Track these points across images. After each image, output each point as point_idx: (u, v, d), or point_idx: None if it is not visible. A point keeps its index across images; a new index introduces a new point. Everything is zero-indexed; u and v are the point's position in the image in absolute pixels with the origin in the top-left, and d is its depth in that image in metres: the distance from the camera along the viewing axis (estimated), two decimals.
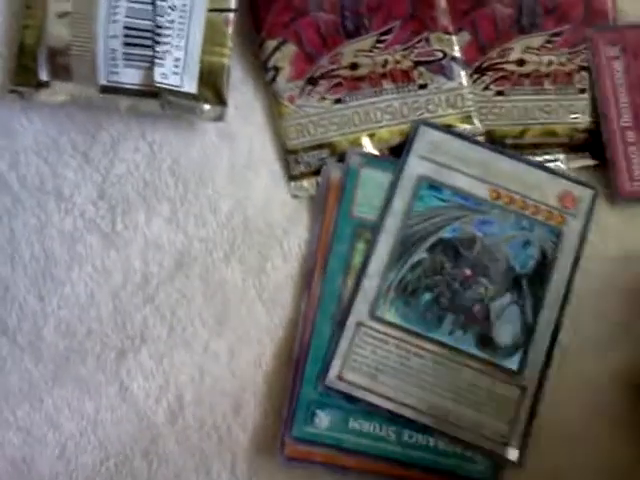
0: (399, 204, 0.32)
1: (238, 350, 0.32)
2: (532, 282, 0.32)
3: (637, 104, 0.35)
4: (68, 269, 0.33)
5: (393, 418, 0.30)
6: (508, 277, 0.31)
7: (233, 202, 0.34)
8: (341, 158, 0.34)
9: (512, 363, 0.31)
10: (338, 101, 0.35)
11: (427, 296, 0.31)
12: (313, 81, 0.35)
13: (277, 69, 0.35)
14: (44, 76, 0.35)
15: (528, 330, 0.32)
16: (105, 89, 0.35)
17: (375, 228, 0.31)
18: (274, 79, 0.35)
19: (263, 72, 0.35)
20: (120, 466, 0.31)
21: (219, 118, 0.35)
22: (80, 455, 0.31)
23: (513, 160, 0.33)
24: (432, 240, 0.32)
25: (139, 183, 0.34)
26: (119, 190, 0.34)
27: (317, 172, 0.35)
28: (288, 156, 0.35)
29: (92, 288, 0.33)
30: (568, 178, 0.33)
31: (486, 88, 0.36)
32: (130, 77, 0.35)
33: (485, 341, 0.31)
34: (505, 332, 0.31)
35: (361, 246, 0.32)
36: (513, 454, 0.31)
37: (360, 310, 0.31)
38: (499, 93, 0.36)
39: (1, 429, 0.32)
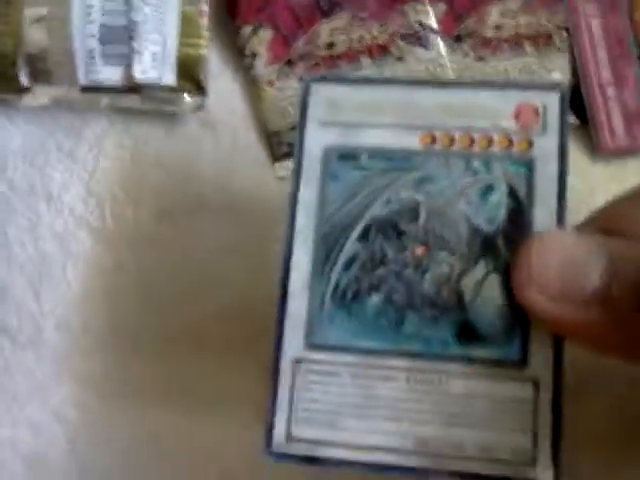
0: (308, 194, 0.24)
1: (233, 337, 0.33)
2: (509, 237, 0.23)
3: (616, 59, 0.36)
4: (63, 268, 0.35)
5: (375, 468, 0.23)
6: (475, 242, 0.23)
7: (220, 190, 0.35)
8: None
9: (511, 352, 0.22)
10: None
11: (374, 298, 0.23)
12: (291, 63, 0.37)
13: (255, 54, 0.37)
14: (25, 82, 0.36)
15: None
16: (86, 89, 0.36)
17: (286, 232, 0.25)
18: (252, 65, 0.37)
19: (241, 58, 0.37)
20: (130, 457, 0.32)
21: (199, 108, 0.36)
22: (90, 450, 0.33)
23: (440, 89, 0.25)
24: (362, 224, 0.24)
25: (125, 177, 0.36)
26: (106, 186, 0.36)
27: None
28: (271, 138, 0.36)
29: (87, 285, 0.35)
30: (518, 86, 0.25)
31: (466, 55, 0.37)
32: (110, 75, 0.36)
33: (467, 333, 0.23)
34: (490, 314, 0.23)
35: None
36: (545, 473, 0.22)
37: (292, 342, 0.24)
38: (479, 59, 0.37)
39: (12, 427, 0.33)
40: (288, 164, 0.36)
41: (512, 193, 0.24)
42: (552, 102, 0.24)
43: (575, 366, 0.23)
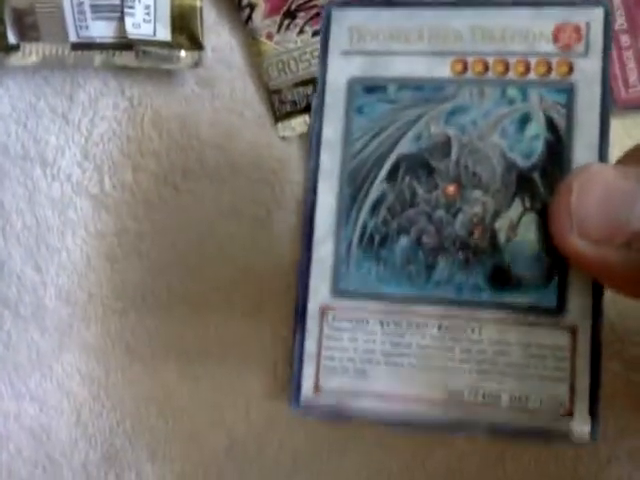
0: (331, 130, 0.23)
1: (237, 302, 0.33)
2: (547, 172, 0.22)
3: (630, 5, 0.34)
4: (62, 236, 0.34)
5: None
6: (510, 177, 0.22)
7: (220, 150, 0.34)
8: None
9: (547, 298, 0.22)
10: (318, 33, 0.35)
11: (404, 241, 0.23)
12: (290, 14, 0.35)
13: (252, 6, 0.35)
14: (13, 39, 0.35)
15: None
16: (77, 46, 0.35)
17: (308, 175, 0.23)
18: (250, 17, 0.35)
19: (238, 11, 0.35)
20: (137, 426, 0.33)
21: (197, 64, 0.35)
22: (96, 419, 0.33)
23: (471, 10, 0.23)
24: (390, 162, 0.23)
25: (122, 140, 0.35)
26: (103, 149, 0.35)
27: (304, 110, 0.35)
28: (272, 96, 0.35)
29: (88, 252, 0.34)
30: (558, 3, 0.23)
31: None
32: (101, 31, 0.35)
33: (500, 277, 0.22)
34: (525, 257, 0.22)
35: None
36: (581, 428, 0.21)
37: (319, 290, 0.23)
38: None
39: (16, 400, 0.33)
40: (290, 124, 0.35)
41: (550, 124, 0.22)
42: (596, 19, 0.22)
43: None
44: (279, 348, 0.32)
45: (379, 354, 0.22)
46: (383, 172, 0.23)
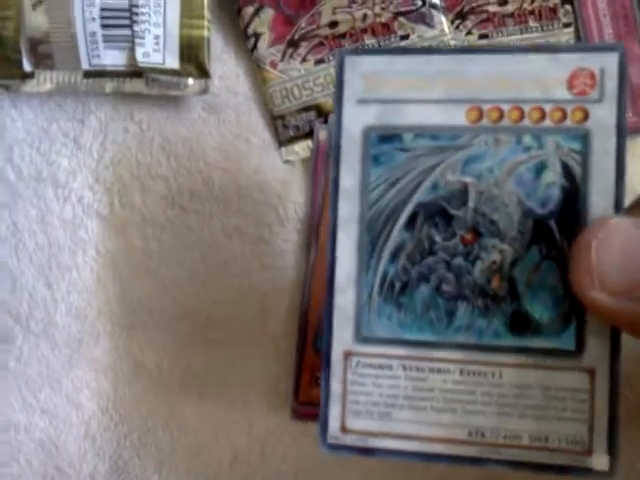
0: (349, 180, 0.24)
1: (242, 318, 0.35)
2: (564, 220, 0.23)
3: (621, 35, 0.37)
4: (72, 255, 0.37)
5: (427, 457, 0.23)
6: (527, 225, 0.23)
7: (225, 173, 0.37)
8: (327, 119, 0.37)
9: (566, 341, 0.23)
10: (321, 61, 0.38)
11: (423, 288, 0.23)
12: (294, 44, 0.38)
13: (257, 35, 0.38)
14: (28, 67, 0.37)
15: None
16: (89, 73, 0.37)
17: (329, 222, 0.24)
18: (255, 46, 0.38)
19: (244, 40, 0.38)
20: (144, 439, 0.35)
21: (204, 91, 0.38)
22: (104, 432, 0.35)
23: (487, 55, 0.23)
24: (408, 211, 0.23)
25: (132, 163, 0.37)
26: (113, 172, 0.37)
27: (307, 135, 0.38)
28: (276, 122, 0.38)
29: (97, 271, 0.36)
30: (572, 49, 0.23)
31: (469, 33, 0.38)
32: (112, 59, 0.37)
33: (520, 323, 0.23)
34: (544, 302, 0.23)
35: None
36: (601, 462, 0.22)
37: (342, 336, 0.24)
38: (482, 36, 0.38)
39: (27, 414, 0.35)
40: (294, 148, 0.38)
41: (566, 171, 0.23)
42: (610, 65, 0.22)
43: None
44: (282, 363, 0.35)
45: (402, 398, 0.23)
46: (401, 220, 0.24)
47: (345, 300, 0.24)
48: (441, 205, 0.23)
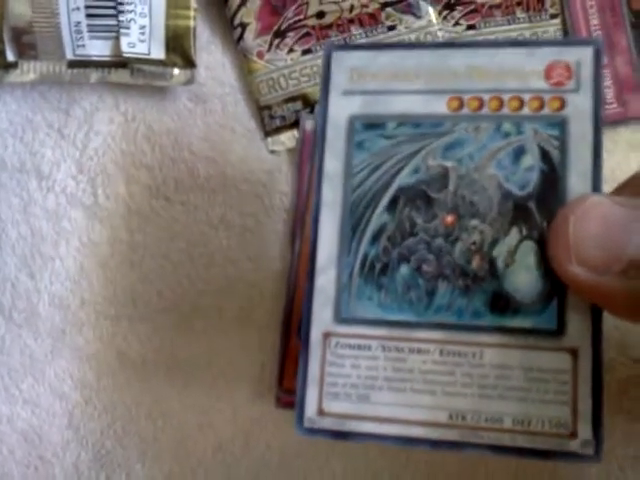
0: (332, 164, 0.25)
1: (227, 308, 0.36)
2: (543, 201, 0.24)
3: (608, 25, 0.39)
4: (56, 245, 0.38)
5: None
6: (506, 207, 0.24)
7: (211, 164, 0.38)
8: (313, 109, 0.38)
9: (547, 321, 0.23)
10: (307, 52, 0.39)
11: (404, 269, 0.24)
12: (281, 34, 0.39)
13: (244, 25, 0.39)
14: (11, 57, 0.38)
15: None
16: (73, 64, 0.38)
17: (313, 206, 0.25)
18: (241, 36, 0.39)
19: (230, 30, 0.39)
20: (127, 428, 0.36)
21: (189, 81, 0.39)
22: (88, 421, 0.36)
23: (467, 49, 0.25)
24: (389, 194, 0.25)
25: (116, 153, 0.38)
26: (97, 162, 0.38)
27: (294, 125, 0.39)
28: (262, 112, 0.39)
29: (81, 261, 0.37)
30: (549, 43, 0.26)
31: (456, 24, 0.40)
32: (97, 49, 0.38)
33: (500, 302, 0.24)
34: (524, 281, 0.23)
35: None
36: (586, 446, 0.23)
37: (322, 317, 0.25)
38: (470, 27, 0.40)
39: (9, 404, 0.36)
40: (280, 138, 0.39)
41: (545, 156, 0.24)
42: (585, 58, 0.24)
43: None
44: (266, 352, 0.36)
45: (381, 379, 0.24)
46: (383, 203, 0.25)
47: (325, 281, 0.25)
48: (422, 189, 0.25)
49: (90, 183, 0.37)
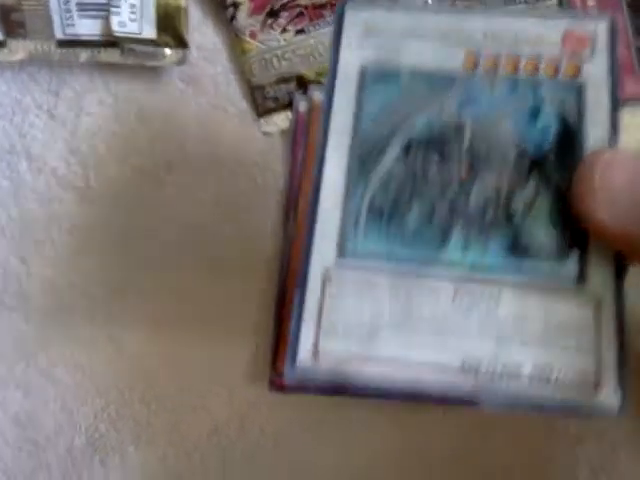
0: (342, 115, 0.24)
1: (219, 290, 0.36)
2: (559, 162, 0.24)
3: (604, 6, 0.38)
4: (47, 228, 0.38)
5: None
6: (523, 164, 0.24)
7: (203, 144, 0.38)
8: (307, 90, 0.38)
9: (567, 268, 0.22)
10: (301, 32, 0.39)
11: (416, 208, 0.23)
12: (274, 14, 0.39)
13: (236, 5, 0.39)
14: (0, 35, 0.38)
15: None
16: (63, 43, 0.38)
17: (317, 150, 0.24)
18: (234, 16, 0.39)
19: (223, 10, 0.39)
20: (121, 411, 0.36)
21: (181, 61, 0.38)
22: (81, 406, 0.36)
23: (486, 15, 0.25)
24: (400, 144, 0.24)
25: (107, 135, 0.38)
26: (88, 144, 0.38)
27: (287, 106, 0.39)
28: (255, 92, 0.39)
29: (72, 244, 0.37)
30: (565, 15, 0.26)
31: (453, 3, 0.40)
32: (87, 28, 0.38)
33: (519, 248, 0.23)
34: (542, 234, 0.23)
35: None
36: (610, 397, 0.21)
37: (323, 252, 0.23)
38: (468, 7, 0.39)
39: (2, 389, 0.36)
40: (273, 119, 0.39)
41: (561, 118, 0.24)
42: (601, 30, 0.24)
43: None
44: (261, 334, 0.36)
45: (387, 318, 0.22)
46: (393, 151, 0.24)
47: (329, 219, 0.23)
48: (436, 141, 0.24)
49: (81, 165, 0.37)
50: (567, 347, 0.22)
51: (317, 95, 0.36)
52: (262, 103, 0.38)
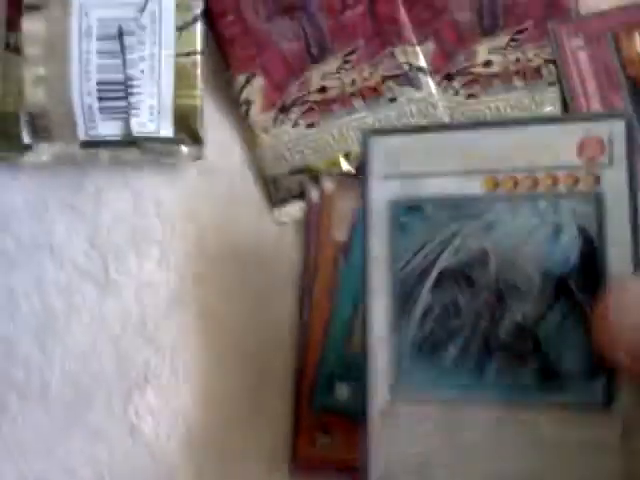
0: (378, 248, 0.26)
1: (237, 379, 0.36)
2: (583, 278, 0.24)
3: (605, 90, 0.40)
4: (67, 320, 0.39)
5: None
6: (547, 286, 0.24)
7: (220, 235, 0.39)
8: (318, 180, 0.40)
9: (592, 394, 0.23)
10: (311, 125, 0.40)
11: (452, 349, 0.25)
12: (285, 109, 0.41)
13: (249, 102, 0.41)
14: (27, 139, 0.40)
15: None
16: (86, 144, 0.40)
17: (362, 288, 0.27)
18: (247, 112, 0.41)
19: (236, 107, 0.41)
20: None
21: (198, 157, 0.40)
22: None
23: (499, 129, 0.26)
24: (433, 276, 0.26)
25: (127, 229, 0.40)
26: (108, 239, 0.39)
27: (299, 196, 0.40)
28: (268, 184, 0.40)
29: (92, 336, 0.38)
30: (579, 118, 0.26)
31: (456, 93, 0.41)
32: (109, 129, 0.40)
33: (547, 378, 0.24)
34: (569, 359, 0.24)
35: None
36: None
37: (378, 395, 0.26)
38: (470, 96, 0.41)
39: None
40: (287, 210, 0.40)
41: (583, 233, 0.24)
42: (618, 131, 0.24)
43: None
44: (278, 423, 0.36)
45: (437, 455, 0.25)
46: (427, 285, 0.26)
47: (379, 361, 0.26)
48: (464, 270, 0.25)
49: (102, 259, 0.38)
50: (595, 472, 0.23)
51: (328, 185, 0.38)
52: (275, 194, 0.39)
